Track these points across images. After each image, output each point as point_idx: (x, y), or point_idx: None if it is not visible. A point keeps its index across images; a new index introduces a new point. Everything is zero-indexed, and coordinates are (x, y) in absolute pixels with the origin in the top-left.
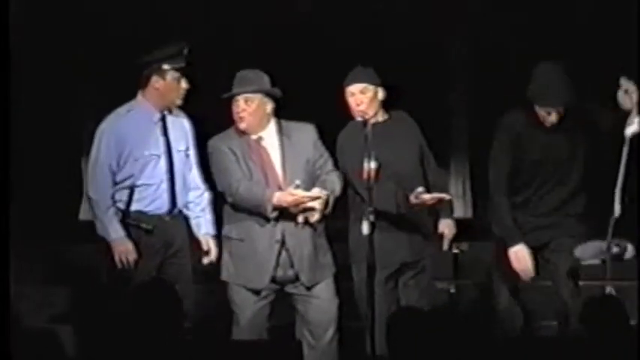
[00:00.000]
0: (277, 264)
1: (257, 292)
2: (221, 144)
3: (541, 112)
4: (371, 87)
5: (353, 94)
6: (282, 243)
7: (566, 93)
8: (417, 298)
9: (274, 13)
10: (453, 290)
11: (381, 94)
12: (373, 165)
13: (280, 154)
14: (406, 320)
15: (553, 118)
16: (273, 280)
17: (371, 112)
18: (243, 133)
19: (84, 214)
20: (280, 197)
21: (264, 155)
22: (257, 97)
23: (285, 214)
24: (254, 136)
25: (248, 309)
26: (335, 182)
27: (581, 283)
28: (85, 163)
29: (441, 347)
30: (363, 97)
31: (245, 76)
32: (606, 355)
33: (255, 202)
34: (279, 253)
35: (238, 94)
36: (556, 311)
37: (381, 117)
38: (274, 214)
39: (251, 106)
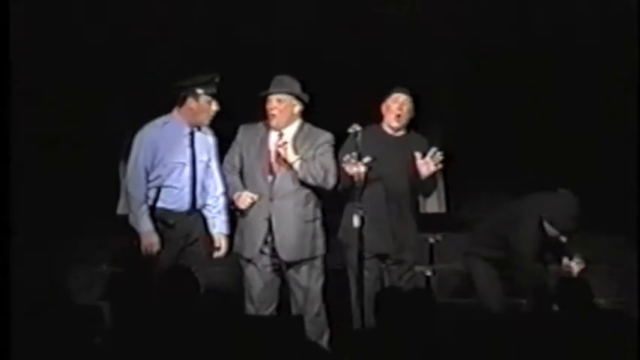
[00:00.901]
0: (265, 238)
1: (262, 272)
2: (241, 134)
3: (552, 230)
4: (410, 100)
5: (397, 100)
6: (269, 221)
7: (577, 221)
8: (397, 280)
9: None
10: (429, 273)
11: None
12: (362, 168)
13: (291, 150)
14: (391, 298)
15: (562, 239)
16: (263, 251)
17: (405, 120)
18: (269, 127)
19: (121, 210)
20: (237, 198)
21: (278, 147)
22: (288, 98)
23: (275, 198)
24: (277, 132)
25: (256, 286)
26: (322, 169)
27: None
28: (122, 168)
29: (419, 320)
30: (404, 107)
31: (280, 80)
32: (573, 329)
33: (230, 182)
34: (268, 230)
35: (272, 93)
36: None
37: (402, 132)
38: (231, 207)
39: (281, 105)
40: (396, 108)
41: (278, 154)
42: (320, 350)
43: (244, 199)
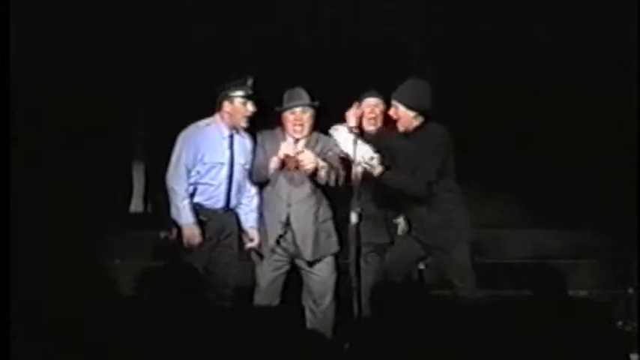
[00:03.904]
0: (279, 240)
1: (272, 263)
2: (261, 139)
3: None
4: (382, 102)
5: (369, 104)
6: (287, 224)
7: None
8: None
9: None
10: (422, 266)
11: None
12: (359, 169)
13: (310, 155)
14: (387, 289)
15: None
16: (274, 250)
17: (380, 122)
18: (285, 133)
19: (134, 208)
20: (274, 159)
21: (297, 155)
22: (309, 110)
23: (293, 202)
24: (292, 140)
25: (266, 278)
26: (334, 170)
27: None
28: (135, 167)
29: (413, 309)
30: (377, 109)
31: (299, 93)
32: (543, 314)
33: (258, 166)
34: (285, 232)
35: (297, 106)
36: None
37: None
38: (273, 170)
39: (306, 116)
40: (369, 112)
41: (293, 165)
42: (323, 338)
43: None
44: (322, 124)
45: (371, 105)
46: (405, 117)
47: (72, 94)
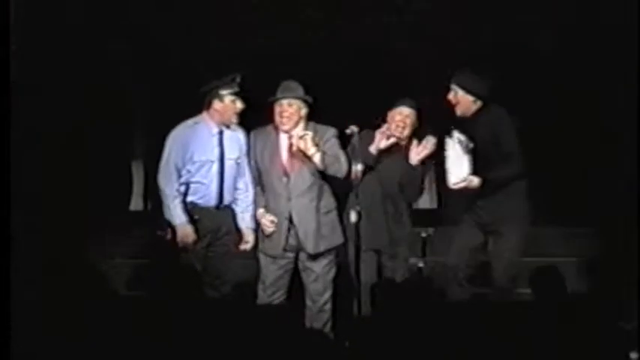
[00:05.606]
0: (287, 236)
1: (277, 261)
2: (252, 139)
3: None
4: (413, 113)
5: (401, 113)
6: (290, 220)
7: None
8: (392, 273)
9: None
10: (421, 265)
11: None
12: (359, 167)
13: (311, 142)
14: (387, 288)
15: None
16: (286, 249)
17: (408, 132)
18: (278, 130)
19: (134, 206)
20: (260, 217)
21: (288, 147)
22: (296, 102)
23: (292, 197)
24: (286, 133)
25: (271, 275)
26: (335, 158)
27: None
28: (135, 166)
29: (412, 307)
30: (407, 120)
31: (288, 85)
32: (545, 316)
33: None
34: (289, 228)
35: (282, 98)
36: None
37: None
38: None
39: (291, 109)
40: (399, 120)
41: (291, 149)
42: (323, 336)
43: (267, 224)
44: (324, 119)
45: (403, 114)
46: (464, 101)
47: (72, 94)
